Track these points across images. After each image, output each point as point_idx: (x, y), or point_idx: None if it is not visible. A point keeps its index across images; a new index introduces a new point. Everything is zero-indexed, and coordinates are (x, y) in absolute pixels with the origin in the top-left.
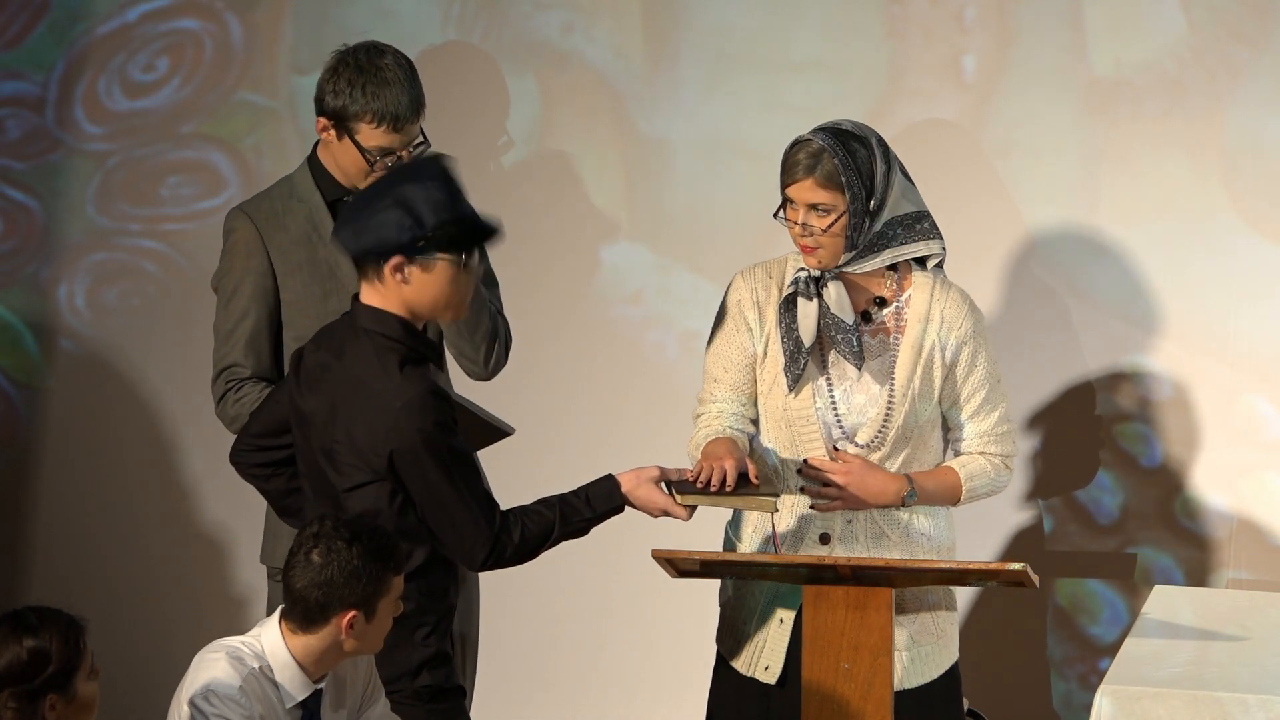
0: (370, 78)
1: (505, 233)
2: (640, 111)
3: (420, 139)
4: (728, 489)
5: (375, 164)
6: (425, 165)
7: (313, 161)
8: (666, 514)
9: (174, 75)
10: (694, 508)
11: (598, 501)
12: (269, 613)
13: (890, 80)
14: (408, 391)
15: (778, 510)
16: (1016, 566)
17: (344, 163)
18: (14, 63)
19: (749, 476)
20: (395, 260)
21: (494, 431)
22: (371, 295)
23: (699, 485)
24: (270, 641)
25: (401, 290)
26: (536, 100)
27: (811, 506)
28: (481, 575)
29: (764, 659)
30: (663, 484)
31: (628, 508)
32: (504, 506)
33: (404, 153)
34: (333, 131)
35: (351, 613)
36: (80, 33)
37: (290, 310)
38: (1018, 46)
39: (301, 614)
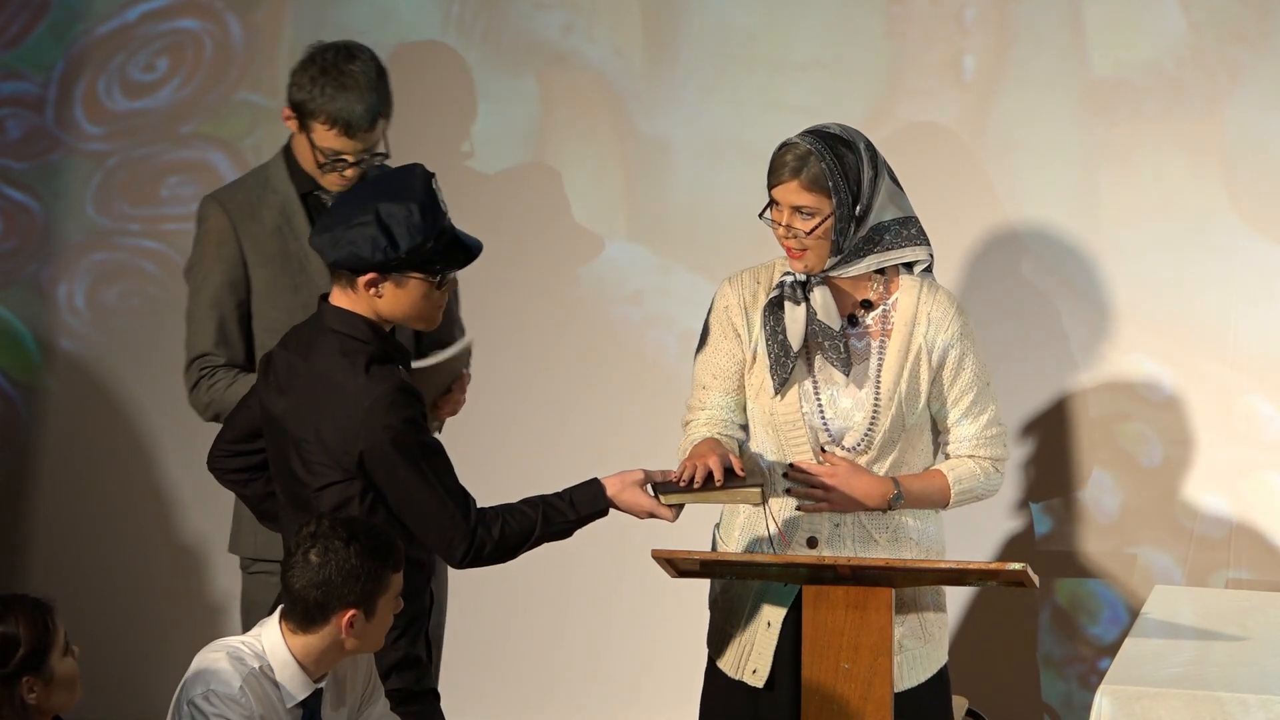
0: (332, 79)
1: (485, 248)
2: (640, 112)
3: (379, 149)
4: (716, 484)
5: (324, 165)
6: (409, 182)
7: (287, 153)
8: (653, 516)
9: (174, 75)
10: (680, 507)
11: (581, 504)
12: (242, 605)
13: (890, 80)
14: (376, 389)
15: (764, 501)
16: (1016, 566)
17: (303, 155)
18: (14, 62)
19: (734, 470)
20: (369, 276)
21: (459, 358)
22: (342, 298)
23: (682, 484)
24: (270, 641)
25: (374, 302)
26: (536, 100)
27: (798, 508)
28: (481, 577)
29: (751, 662)
30: (648, 486)
31: (614, 511)
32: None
33: (351, 174)
34: (295, 122)
35: (351, 611)
36: (80, 33)
37: (260, 300)
38: (1017, 47)
39: (301, 614)
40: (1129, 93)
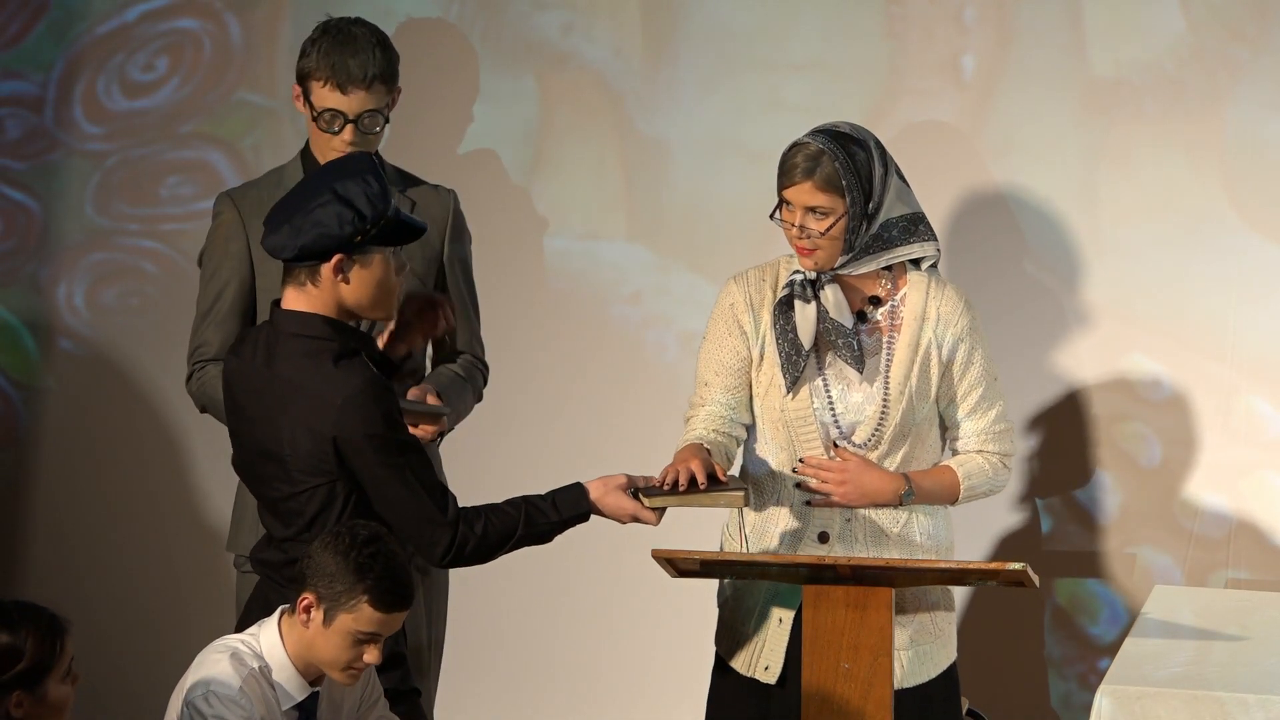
0: (331, 38)
1: (484, 249)
2: (639, 111)
3: (377, 114)
4: (700, 487)
5: (319, 119)
6: (356, 160)
7: (305, 155)
8: (636, 519)
9: (173, 75)
10: (662, 511)
11: (564, 507)
12: (237, 603)
13: (890, 80)
14: (347, 387)
15: (747, 504)
16: (1016, 566)
17: (319, 147)
18: (13, 62)
19: (717, 476)
20: (337, 259)
21: (426, 416)
22: (297, 299)
23: (666, 488)
24: (268, 642)
25: (338, 290)
26: (535, 100)
27: (807, 503)
28: (480, 576)
29: (763, 659)
30: (631, 490)
31: (596, 516)
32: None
33: (348, 135)
34: (301, 99)
35: (310, 597)
36: (79, 32)
37: (265, 296)
38: (1017, 46)
39: (296, 579)
40: (1129, 92)
